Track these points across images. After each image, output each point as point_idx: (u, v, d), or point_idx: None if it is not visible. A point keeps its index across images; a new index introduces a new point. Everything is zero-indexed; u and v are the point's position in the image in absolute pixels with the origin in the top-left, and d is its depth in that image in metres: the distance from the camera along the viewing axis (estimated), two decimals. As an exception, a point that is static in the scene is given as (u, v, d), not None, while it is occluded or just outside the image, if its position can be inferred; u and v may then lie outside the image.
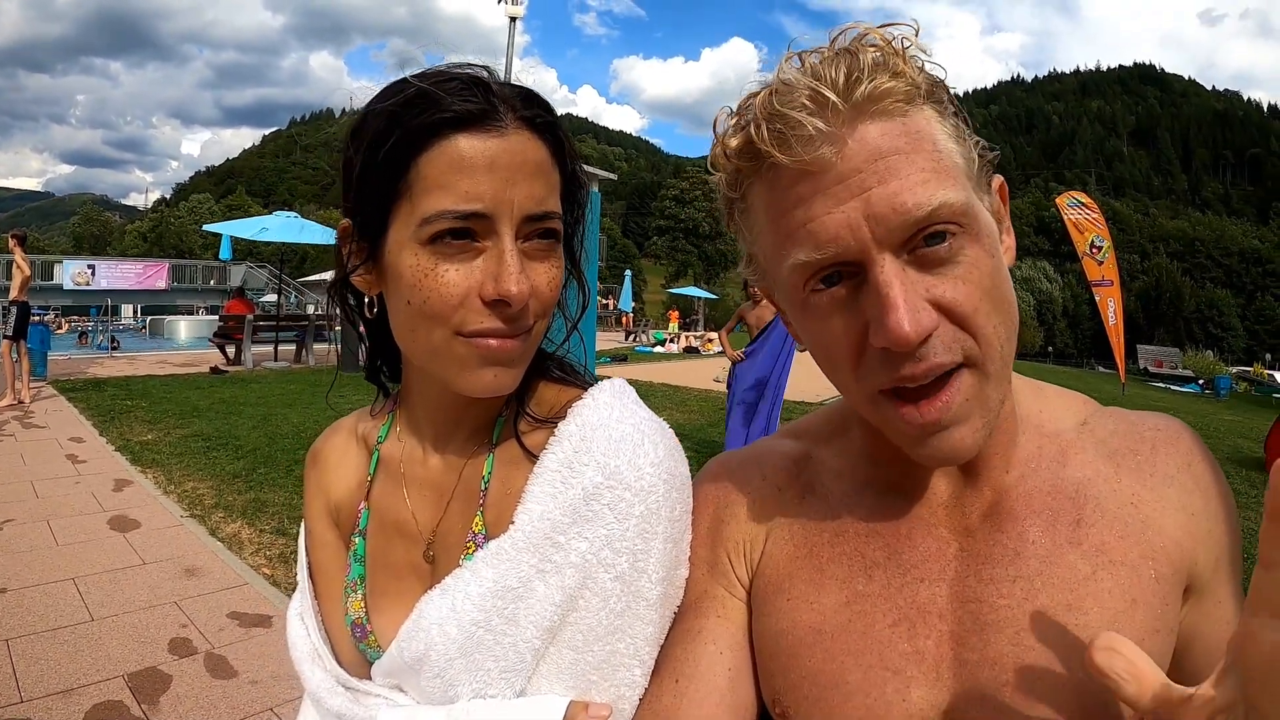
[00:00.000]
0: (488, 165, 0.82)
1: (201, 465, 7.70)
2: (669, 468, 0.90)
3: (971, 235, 0.73)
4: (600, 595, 0.85)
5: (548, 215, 0.87)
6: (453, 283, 0.83)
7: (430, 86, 0.83)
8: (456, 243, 0.83)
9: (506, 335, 0.85)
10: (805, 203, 0.73)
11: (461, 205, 0.81)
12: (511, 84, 0.89)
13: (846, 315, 0.75)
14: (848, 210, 0.71)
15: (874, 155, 0.71)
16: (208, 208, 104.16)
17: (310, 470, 1.14)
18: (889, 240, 0.70)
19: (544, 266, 0.88)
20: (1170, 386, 29.46)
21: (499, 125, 0.83)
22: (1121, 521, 0.81)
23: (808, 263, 0.74)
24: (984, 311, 0.73)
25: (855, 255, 0.71)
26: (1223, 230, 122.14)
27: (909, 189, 0.70)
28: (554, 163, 0.90)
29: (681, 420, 11.43)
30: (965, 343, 0.73)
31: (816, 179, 0.72)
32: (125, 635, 4.05)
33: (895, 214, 0.70)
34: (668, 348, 28.14)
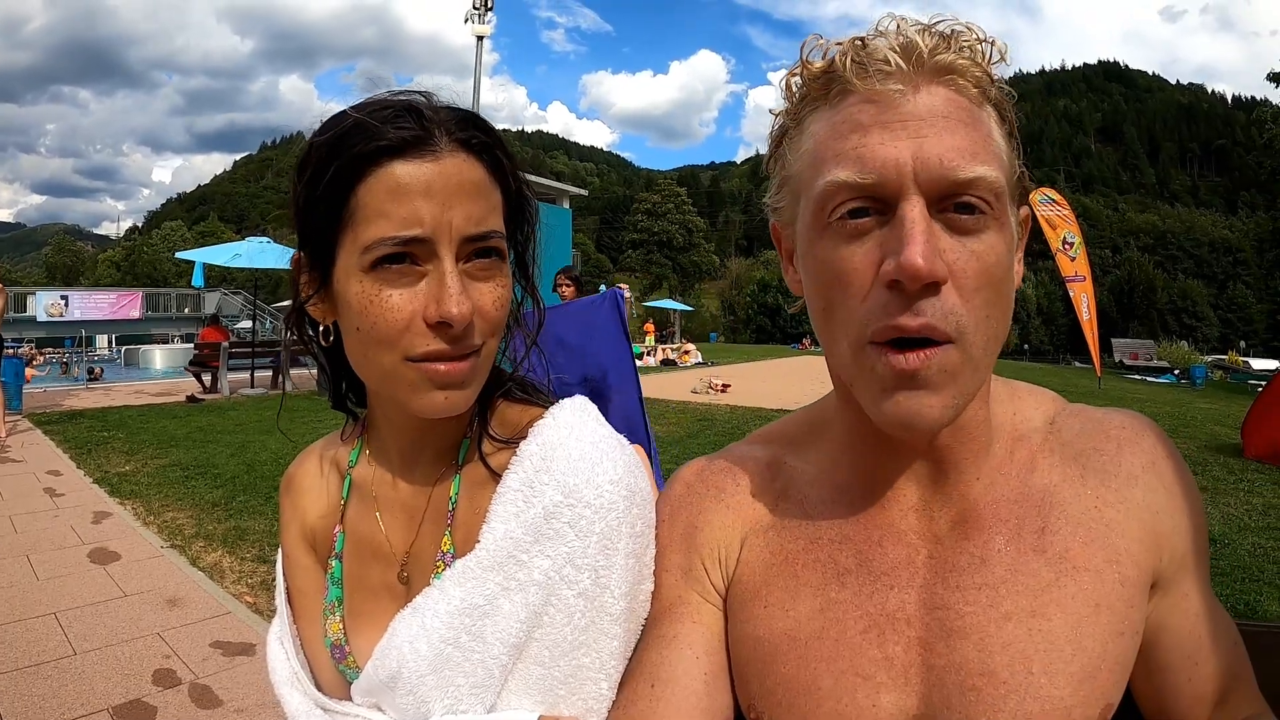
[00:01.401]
0: (424, 189, 0.83)
1: (180, 495, 7.62)
2: (628, 484, 0.91)
3: (998, 222, 0.76)
4: (564, 611, 0.87)
5: (487, 235, 0.88)
6: (396, 307, 0.84)
7: (366, 117, 0.85)
8: (397, 267, 0.84)
9: (453, 358, 0.87)
10: (863, 130, 0.76)
11: (400, 231, 0.83)
12: (450, 107, 0.91)
13: (866, 246, 0.76)
14: (900, 147, 0.74)
15: (938, 112, 0.75)
16: (180, 235, 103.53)
17: (285, 496, 1.15)
18: (928, 188, 0.73)
19: (488, 286, 0.89)
20: (1146, 378, 29.74)
21: (433, 149, 0.85)
22: (1085, 527, 0.83)
23: (847, 183, 0.75)
24: (985, 298, 0.75)
25: (893, 189, 0.74)
26: (1192, 222, 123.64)
27: (959, 151, 0.74)
28: (493, 182, 0.91)
29: (660, 433, 11.41)
30: (960, 319, 0.74)
31: (880, 110, 0.76)
32: (109, 668, 4.00)
33: (941, 165, 0.73)
34: (645, 360, 28.09)
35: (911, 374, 0.74)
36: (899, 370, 0.75)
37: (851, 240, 0.77)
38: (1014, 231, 0.81)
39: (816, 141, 0.81)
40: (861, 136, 0.76)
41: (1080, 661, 0.77)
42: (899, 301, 0.73)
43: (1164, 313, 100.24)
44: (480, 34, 19.31)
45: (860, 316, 0.76)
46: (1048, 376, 26.07)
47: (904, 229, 0.72)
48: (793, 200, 0.86)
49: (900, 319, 0.73)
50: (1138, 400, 17.56)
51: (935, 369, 0.74)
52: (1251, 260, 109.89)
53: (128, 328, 35.32)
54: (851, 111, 0.78)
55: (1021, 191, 0.83)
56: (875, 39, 0.79)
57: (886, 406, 0.77)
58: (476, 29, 19.29)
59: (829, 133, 0.79)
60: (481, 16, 19.11)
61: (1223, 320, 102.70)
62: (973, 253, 0.74)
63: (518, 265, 0.99)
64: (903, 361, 0.74)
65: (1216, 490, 7.91)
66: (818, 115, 0.82)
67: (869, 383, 0.78)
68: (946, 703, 0.79)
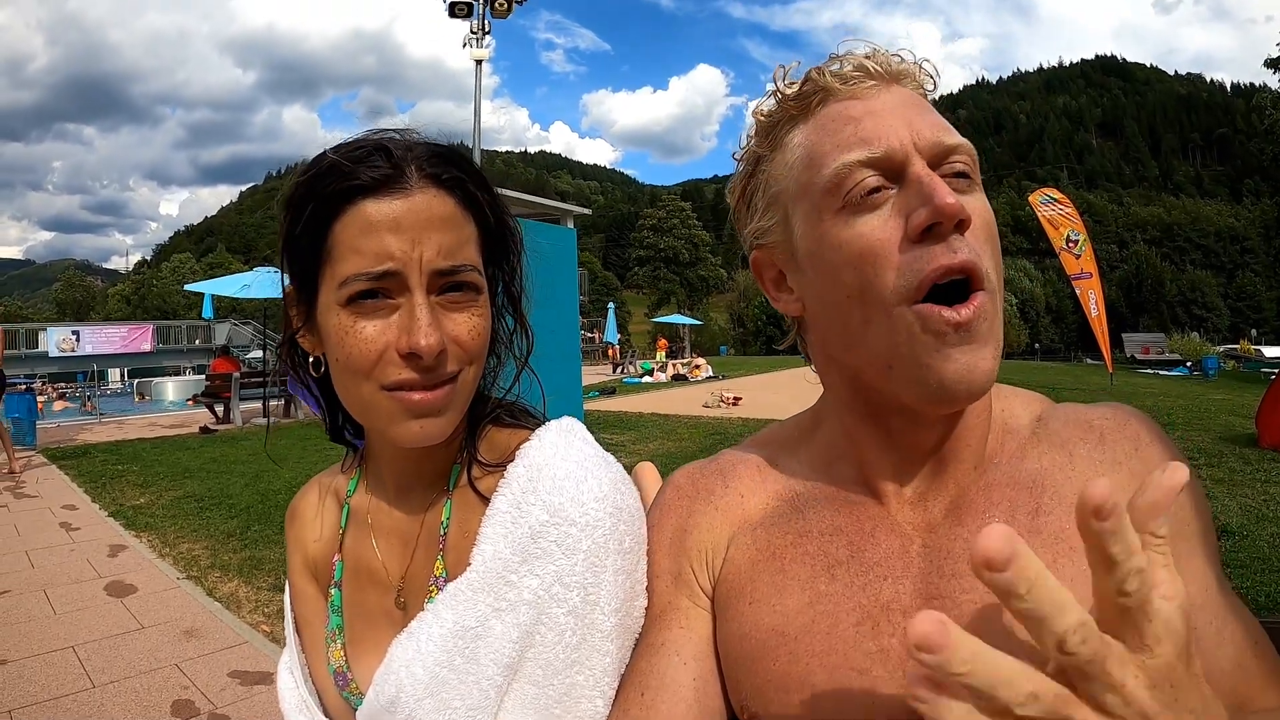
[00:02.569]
0: (393, 225, 0.86)
1: (195, 526, 7.65)
2: (614, 501, 0.92)
3: (979, 189, 0.83)
4: (555, 630, 0.88)
5: (458, 269, 0.90)
6: (370, 338, 0.87)
7: (341, 157, 0.88)
8: (371, 301, 0.87)
9: (425, 387, 0.89)
10: (856, 120, 0.83)
11: (372, 266, 0.86)
12: (427, 144, 0.94)
13: (885, 214, 0.80)
14: (895, 123, 0.81)
15: (913, 99, 0.85)
16: (189, 267, 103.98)
17: (289, 527, 1.18)
18: (927, 153, 0.80)
19: (463, 317, 0.91)
20: (1158, 371, 29.60)
21: (403, 186, 0.88)
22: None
23: (858, 161, 0.80)
24: (992, 250, 0.81)
25: (900, 157, 0.79)
26: (1197, 212, 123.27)
27: (941, 126, 0.83)
28: (466, 215, 0.93)
29: (673, 449, 11.42)
30: (984, 263, 0.77)
31: (866, 103, 0.84)
32: (128, 700, 4.01)
33: (934, 133, 0.81)
34: (656, 376, 28.07)
35: (966, 325, 0.75)
36: (953, 323, 0.75)
37: (871, 211, 0.80)
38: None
39: (808, 146, 0.85)
40: (857, 125, 0.82)
41: None
42: (933, 250, 0.76)
43: (1173, 305, 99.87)
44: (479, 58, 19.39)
45: (897, 279, 0.77)
46: (1060, 375, 25.98)
47: (923, 183, 0.77)
48: (783, 215, 0.88)
49: (942, 261, 0.75)
50: (1151, 394, 17.48)
51: (980, 319, 0.76)
52: (1259, 248, 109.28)
53: (139, 361, 35.48)
54: (838, 109, 0.84)
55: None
56: (841, 58, 0.88)
57: (943, 367, 0.76)
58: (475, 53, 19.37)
59: (820, 134, 0.84)
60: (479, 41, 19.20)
61: (1233, 309, 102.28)
62: (974, 207, 0.79)
63: (506, 295, 1.03)
64: (956, 314, 0.75)
65: (1233, 482, 7.85)
66: (798, 129, 0.87)
67: (918, 350, 0.77)
68: None
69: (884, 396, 0.84)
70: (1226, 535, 6.06)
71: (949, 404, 0.80)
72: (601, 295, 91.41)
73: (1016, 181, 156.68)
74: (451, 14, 18.84)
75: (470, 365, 0.94)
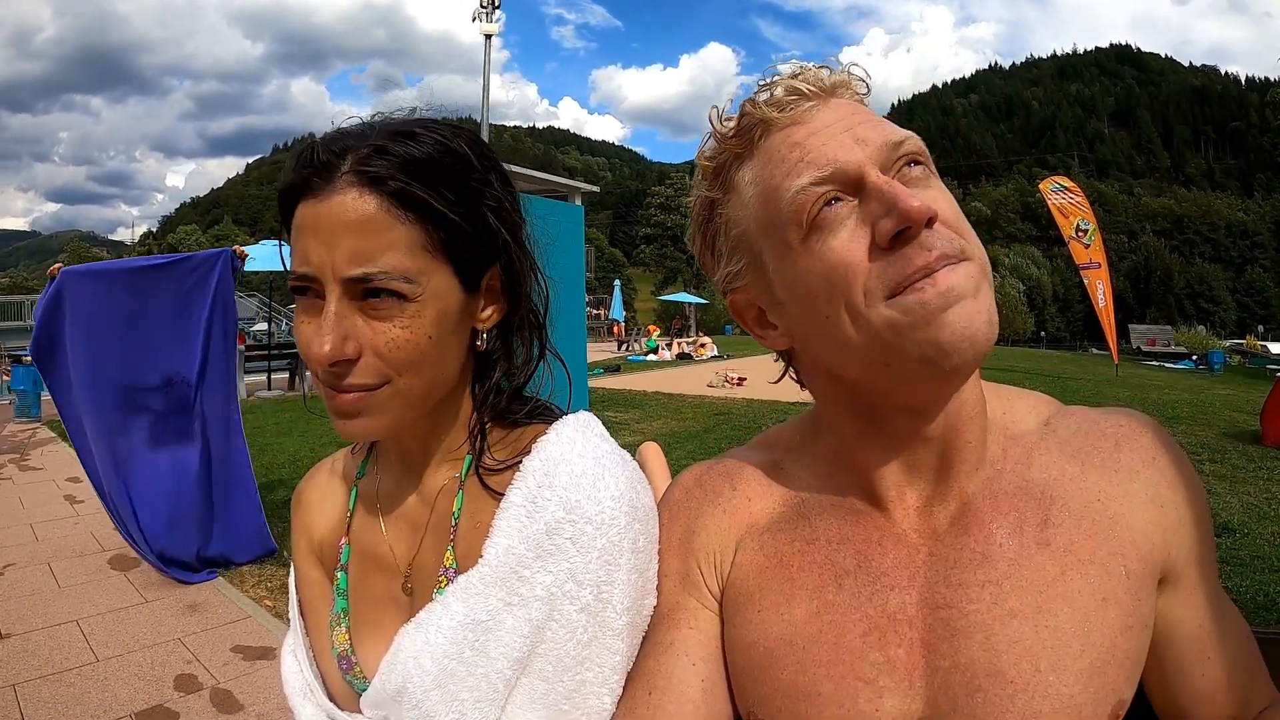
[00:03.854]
0: (312, 229, 0.86)
1: (200, 499, 7.65)
2: (630, 500, 0.92)
3: (935, 174, 0.82)
4: (567, 627, 0.88)
5: (370, 277, 0.84)
6: (305, 335, 0.88)
7: (296, 154, 0.90)
8: (307, 300, 0.88)
9: (338, 391, 0.88)
10: (801, 145, 0.81)
11: (298, 268, 0.87)
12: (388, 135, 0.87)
13: (850, 228, 0.79)
14: (840, 138, 0.80)
15: (851, 112, 0.84)
16: (195, 239, 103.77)
17: (295, 511, 1.17)
18: (877, 158, 0.79)
19: (385, 325, 0.86)
20: (1164, 364, 29.56)
21: (326, 188, 0.85)
22: (1089, 520, 0.82)
23: (811, 183, 0.79)
24: (964, 226, 0.79)
25: (853, 171, 0.78)
26: (1208, 205, 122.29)
27: (884, 125, 0.83)
28: (397, 216, 0.85)
29: (677, 428, 11.43)
30: (961, 242, 0.77)
31: (807, 125, 0.83)
32: (131, 675, 4.05)
33: (879, 136, 0.80)
34: (661, 354, 28.06)
35: (948, 288, 0.74)
36: (935, 291, 0.74)
37: (836, 227, 0.79)
38: None
39: (760, 182, 0.85)
40: (803, 149, 0.81)
41: (1089, 657, 0.76)
42: (904, 255, 0.75)
43: (1181, 298, 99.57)
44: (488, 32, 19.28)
45: (870, 288, 0.76)
46: (1065, 364, 25.94)
47: (883, 190, 0.76)
48: (752, 256, 0.88)
49: (917, 262, 0.75)
50: (1156, 387, 17.46)
51: (963, 276, 0.75)
52: (1268, 243, 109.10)
53: (144, 332, 35.46)
54: (781, 138, 0.83)
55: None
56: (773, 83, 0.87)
57: (937, 334, 0.74)
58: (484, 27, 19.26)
59: (768, 166, 0.84)
60: (489, 15, 19.09)
61: (1240, 304, 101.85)
62: (935, 197, 0.79)
63: (505, 288, 0.98)
64: (933, 284, 0.74)
65: (1236, 479, 7.85)
66: (746, 167, 0.87)
67: (905, 329, 0.75)
68: (953, 704, 0.78)
69: (888, 399, 0.84)
70: (1228, 533, 6.07)
71: (957, 364, 0.76)
72: (608, 272, 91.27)
73: (1027, 168, 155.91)
74: (462, -11, 18.72)
75: (400, 375, 0.88)
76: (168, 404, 5.61)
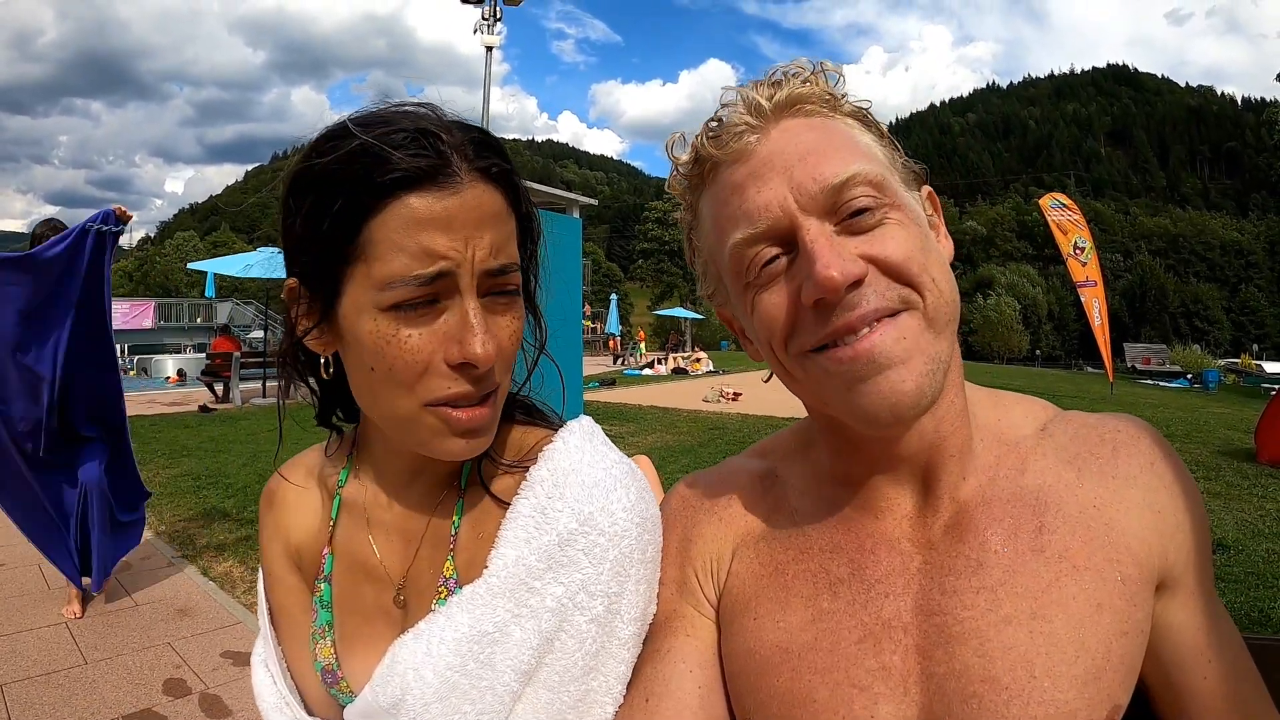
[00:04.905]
0: (445, 224, 0.79)
1: (192, 504, 7.65)
2: (640, 511, 0.91)
3: (894, 206, 0.79)
4: (576, 638, 0.87)
5: (506, 268, 0.84)
6: (415, 348, 0.81)
7: (375, 139, 0.78)
8: (419, 307, 0.80)
9: (475, 403, 0.84)
10: (739, 189, 0.82)
11: (423, 269, 0.78)
12: (462, 125, 0.86)
13: (783, 284, 0.80)
14: (774, 186, 0.79)
15: (794, 140, 0.81)
16: (192, 245, 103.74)
17: (266, 512, 1.12)
18: (813, 207, 0.77)
19: (505, 320, 0.87)
20: (1159, 383, 29.59)
21: (454, 181, 0.80)
22: (1084, 526, 0.82)
23: (744, 238, 0.80)
24: (918, 263, 0.77)
25: (785, 225, 0.78)
26: (1203, 225, 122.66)
27: (825, 161, 0.78)
28: (510, 210, 0.87)
29: (671, 442, 11.41)
30: (901, 291, 0.76)
31: (747, 164, 0.82)
32: (119, 678, 4.02)
33: (815, 181, 0.77)
34: (656, 369, 28.07)
35: (869, 358, 0.75)
36: (850, 359, 0.76)
37: (769, 285, 0.81)
38: (916, 207, 0.84)
39: (712, 218, 0.87)
40: (740, 194, 0.81)
41: (1084, 663, 0.76)
42: (829, 313, 0.76)
43: (1176, 316, 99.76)
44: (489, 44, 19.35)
45: (796, 340, 0.80)
46: (1060, 382, 25.97)
47: (806, 251, 0.76)
48: (719, 283, 0.90)
49: (837, 323, 0.76)
50: (1150, 405, 17.47)
51: (891, 339, 0.75)
52: (1263, 262, 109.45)
53: (140, 337, 35.42)
54: (725, 178, 0.84)
55: (914, 175, 0.89)
56: (723, 110, 0.86)
57: (857, 402, 0.77)
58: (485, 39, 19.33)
59: (717, 206, 0.85)
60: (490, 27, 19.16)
61: (1235, 323, 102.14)
62: (886, 237, 0.78)
63: (523, 286, 0.96)
64: (850, 352, 0.76)
65: (1230, 496, 7.85)
66: (705, 198, 0.88)
67: (834, 387, 0.79)
68: (947, 711, 0.78)
69: (853, 426, 0.84)
70: (1222, 549, 6.07)
71: (885, 430, 0.81)
72: (605, 286, 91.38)
73: (1023, 187, 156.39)
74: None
75: (506, 373, 0.89)
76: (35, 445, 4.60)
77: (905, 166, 0.87)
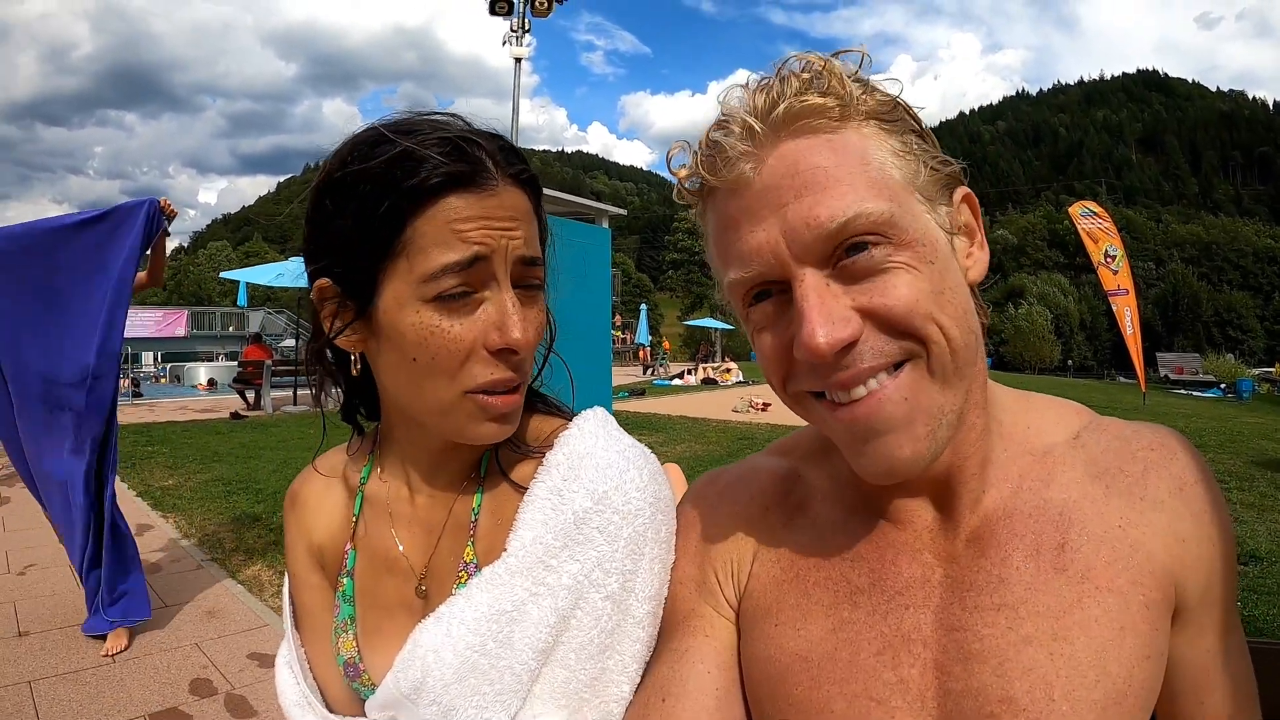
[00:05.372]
0: (484, 219, 0.85)
1: (222, 509, 7.74)
2: (654, 491, 0.93)
3: (901, 244, 0.73)
4: (592, 615, 0.88)
5: (536, 260, 0.91)
6: (458, 337, 0.86)
7: (414, 145, 0.84)
8: (457, 300, 0.85)
9: (509, 390, 0.90)
10: (735, 224, 0.77)
11: (462, 255, 0.84)
12: (489, 134, 0.92)
13: (775, 328, 0.79)
14: (767, 228, 0.74)
15: (791, 171, 0.74)
16: (225, 255, 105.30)
17: (290, 514, 1.14)
18: (807, 255, 0.73)
19: (533, 313, 0.92)
20: (1192, 393, 29.13)
21: (491, 182, 0.86)
22: (1109, 546, 0.79)
23: (737, 280, 0.78)
24: (923, 313, 0.73)
25: (778, 273, 0.75)
26: (1236, 231, 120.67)
27: (824, 202, 0.72)
28: (534, 212, 0.94)
29: (700, 452, 11.39)
30: (902, 344, 0.73)
31: (742, 197, 0.76)
32: (146, 676, 4.07)
33: (809, 229, 0.72)
34: (685, 379, 28.07)
35: (867, 425, 0.74)
36: (849, 421, 0.75)
37: (764, 328, 0.80)
38: (931, 233, 0.76)
39: (713, 244, 0.83)
40: (735, 231, 0.77)
41: (1104, 687, 0.74)
42: (823, 367, 0.74)
43: (1209, 325, 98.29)
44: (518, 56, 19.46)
45: (795, 384, 0.80)
46: (1092, 393, 25.65)
47: (797, 309, 0.73)
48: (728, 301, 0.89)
49: (831, 379, 0.75)
50: (1183, 415, 17.22)
51: (892, 402, 0.73)
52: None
53: (173, 345, 35.82)
54: (722, 207, 0.79)
55: (945, 182, 0.80)
56: (721, 123, 0.79)
57: (858, 463, 0.78)
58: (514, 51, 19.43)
59: (715, 232, 0.82)
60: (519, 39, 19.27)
61: (1269, 332, 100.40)
62: (887, 286, 0.73)
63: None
64: (849, 414, 0.75)
65: (1263, 507, 7.72)
66: (708, 215, 0.84)
67: (834, 435, 0.80)
68: None
69: None
70: (1255, 561, 5.97)
71: (883, 483, 0.82)
72: (634, 297, 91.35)
73: (1054, 195, 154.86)
74: (492, 11, 18.87)
75: (530, 362, 0.95)
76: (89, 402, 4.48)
77: (933, 174, 0.78)
